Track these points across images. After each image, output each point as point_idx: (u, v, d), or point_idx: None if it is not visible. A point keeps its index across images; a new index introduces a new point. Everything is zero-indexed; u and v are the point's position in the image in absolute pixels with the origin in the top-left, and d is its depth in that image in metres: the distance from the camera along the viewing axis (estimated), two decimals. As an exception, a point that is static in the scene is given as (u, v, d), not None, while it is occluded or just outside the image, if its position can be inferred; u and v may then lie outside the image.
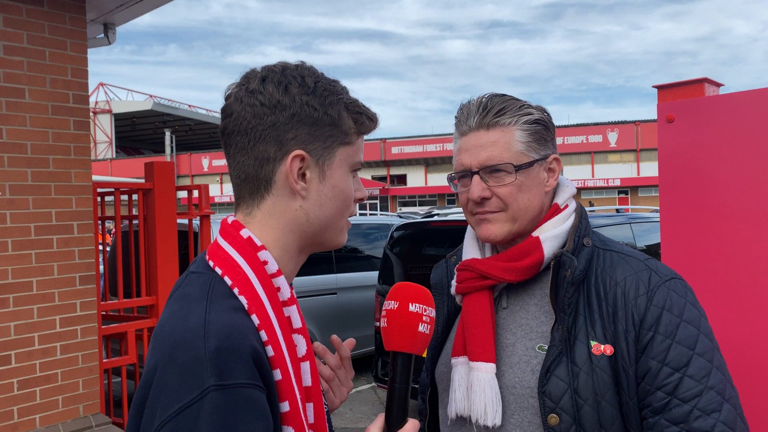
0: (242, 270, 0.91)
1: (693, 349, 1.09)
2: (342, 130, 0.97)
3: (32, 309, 3.76)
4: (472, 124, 1.25)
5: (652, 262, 1.20)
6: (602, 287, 1.17)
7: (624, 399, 1.12)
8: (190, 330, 0.83)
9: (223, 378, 0.79)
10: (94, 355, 4.05)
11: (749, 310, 1.65)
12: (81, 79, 3.98)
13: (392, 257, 5.51)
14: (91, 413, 4.04)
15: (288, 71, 0.95)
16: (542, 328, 1.20)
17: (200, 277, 0.93)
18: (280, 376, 0.87)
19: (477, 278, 1.25)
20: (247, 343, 0.83)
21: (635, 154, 36.22)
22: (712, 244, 1.71)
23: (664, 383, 1.08)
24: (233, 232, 0.95)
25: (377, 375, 5.43)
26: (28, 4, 3.74)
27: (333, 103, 0.96)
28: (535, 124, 1.24)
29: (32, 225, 3.76)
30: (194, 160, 45.64)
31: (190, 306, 0.88)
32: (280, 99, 0.93)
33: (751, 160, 1.64)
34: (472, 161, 1.24)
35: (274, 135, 0.93)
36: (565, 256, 1.17)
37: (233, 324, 0.84)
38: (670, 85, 1.84)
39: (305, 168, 0.95)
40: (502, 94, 1.28)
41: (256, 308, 0.89)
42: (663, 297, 1.13)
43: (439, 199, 40.08)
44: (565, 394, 1.12)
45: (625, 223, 5.58)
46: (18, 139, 3.70)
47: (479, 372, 1.18)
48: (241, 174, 0.96)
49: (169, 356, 0.82)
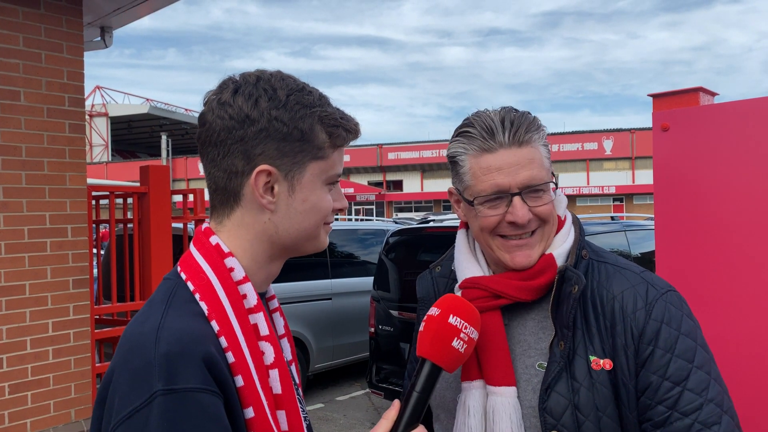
0: (206, 276, 0.92)
1: (692, 362, 1.09)
2: (314, 144, 0.95)
3: (25, 312, 3.74)
4: (503, 140, 1.14)
5: (647, 275, 1.19)
6: (599, 301, 1.15)
7: (624, 413, 1.10)
8: (144, 334, 0.85)
9: (171, 382, 0.80)
10: (87, 359, 4.03)
11: (743, 317, 1.65)
12: (77, 82, 3.97)
13: (388, 263, 5.50)
14: (83, 418, 4.01)
15: (261, 83, 0.94)
16: (540, 344, 1.17)
17: (166, 282, 0.95)
18: (243, 383, 0.87)
19: (489, 297, 1.18)
20: (200, 347, 0.83)
21: (630, 161, 36.35)
22: (707, 252, 1.71)
23: (665, 397, 1.07)
24: (203, 238, 0.96)
25: (371, 381, 5.42)
26: (24, 7, 3.73)
27: (304, 117, 0.94)
28: (546, 141, 1.22)
29: (26, 228, 3.74)
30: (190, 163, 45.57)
31: (150, 311, 0.89)
32: (249, 113, 0.92)
33: (745, 168, 1.65)
34: (512, 182, 1.14)
35: (242, 149, 0.92)
36: (571, 272, 1.15)
37: (186, 329, 0.85)
38: (664, 93, 1.85)
39: (273, 182, 0.94)
40: (514, 108, 1.21)
41: (217, 314, 0.89)
42: (661, 311, 1.12)
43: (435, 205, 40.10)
44: (566, 411, 1.10)
45: (619, 231, 5.59)
46: (13, 141, 3.69)
47: (502, 397, 1.14)
48: (212, 184, 0.97)
49: (124, 360, 0.84)
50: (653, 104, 1.87)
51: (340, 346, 6.70)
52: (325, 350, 6.55)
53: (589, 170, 36.99)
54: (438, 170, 40.75)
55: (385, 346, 5.33)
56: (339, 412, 6.03)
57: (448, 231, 5.29)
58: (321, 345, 6.48)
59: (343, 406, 6.21)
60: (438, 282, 1.36)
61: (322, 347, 6.50)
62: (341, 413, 5.99)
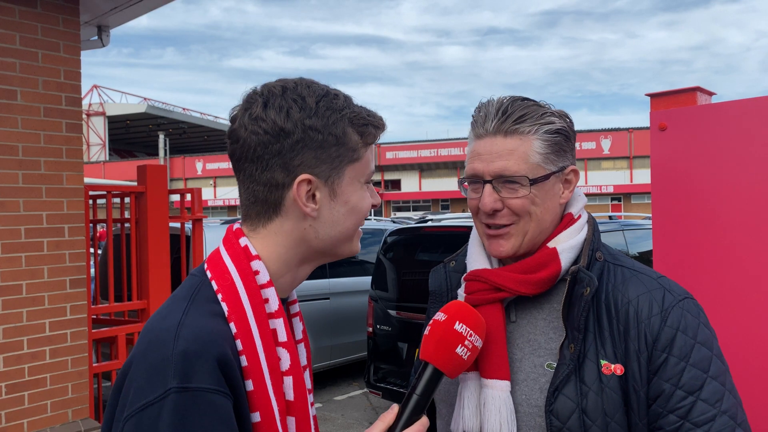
0: (230, 277, 0.92)
1: (707, 372, 1.07)
2: (348, 147, 0.96)
3: (21, 312, 3.73)
4: (489, 128, 1.17)
5: (664, 281, 1.16)
6: (613, 305, 1.13)
7: (633, 420, 1.09)
8: (165, 330, 0.86)
9: (186, 381, 0.81)
10: (84, 359, 4.02)
11: (740, 317, 1.65)
12: (74, 81, 3.96)
13: (385, 262, 5.50)
14: (80, 418, 4.00)
15: (288, 93, 0.94)
16: (550, 344, 1.15)
17: (192, 279, 0.95)
18: (252, 387, 0.88)
19: (490, 290, 1.18)
20: (216, 348, 0.84)
21: (628, 161, 36.40)
22: (705, 251, 1.71)
23: (678, 407, 1.05)
24: (233, 239, 0.97)
25: (369, 381, 5.41)
26: (21, 6, 3.72)
27: (336, 122, 0.95)
28: (556, 134, 1.17)
29: (23, 228, 3.73)
30: (188, 163, 45.52)
31: (172, 306, 0.90)
32: (283, 126, 0.92)
33: (743, 168, 1.65)
34: (485, 169, 1.17)
35: (281, 162, 0.93)
36: (583, 273, 1.13)
37: (205, 328, 0.86)
38: (662, 93, 1.85)
39: (314, 189, 0.95)
40: (525, 98, 1.20)
41: (236, 316, 0.89)
42: (677, 318, 1.10)
43: (433, 205, 40.11)
44: (573, 414, 1.08)
45: (617, 230, 5.59)
46: (9, 140, 3.68)
47: (493, 390, 1.13)
48: (250, 197, 0.97)
49: (143, 353, 0.86)
50: (651, 104, 1.87)
51: (338, 345, 6.69)
52: (323, 350, 6.55)
53: (587, 169, 37.03)
54: (436, 169, 40.75)
55: (383, 345, 5.33)
56: (337, 411, 6.03)
57: (446, 230, 5.29)
58: (319, 344, 6.48)
59: (341, 406, 6.21)
60: (451, 277, 1.34)
61: (320, 347, 6.50)
62: (339, 413, 5.99)
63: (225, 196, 43.14)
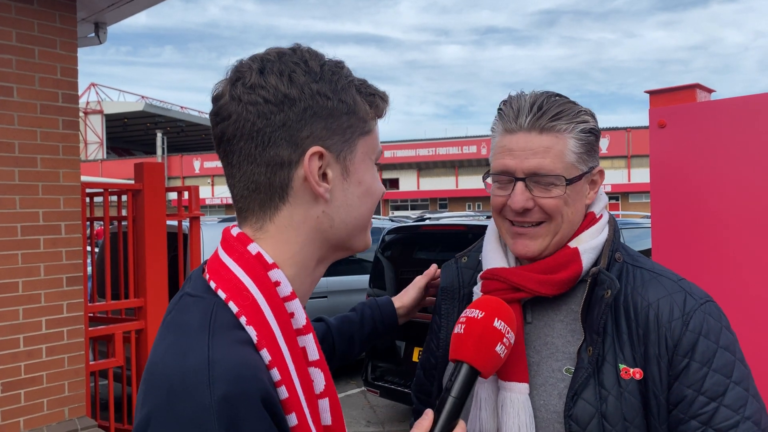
0: (251, 294, 0.77)
1: (730, 377, 1.04)
2: (359, 117, 0.85)
3: (18, 310, 3.72)
4: (523, 123, 1.12)
5: (685, 283, 1.14)
6: (632, 308, 1.10)
7: (653, 424, 1.07)
8: (191, 372, 0.69)
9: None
10: (81, 357, 4.01)
11: (740, 316, 1.64)
12: (71, 79, 3.94)
13: (383, 261, 5.49)
14: (77, 416, 3.99)
15: (287, 57, 0.82)
16: (568, 348, 1.13)
17: (199, 302, 0.78)
18: (296, 421, 0.75)
19: (508, 290, 1.14)
20: (258, 385, 0.70)
21: (626, 160, 36.43)
22: (703, 250, 1.70)
23: (700, 413, 1.03)
24: (239, 247, 0.81)
25: (367, 379, 5.41)
26: (17, 2, 3.70)
27: (345, 88, 0.83)
28: (589, 134, 1.15)
29: (19, 225, 3.71)
30: (185, 161, 45.47)
31: (188, 340, 0.73)
32: (287, 92, 0.79)
33: (742, 165, 1.64)
34: (518, 166, 1.12)
35: (286, 135, 0.79)
36: (604, 275, 1.10)
37: (243, 363, 0.70)
38: (661, 90, 1.84)
39: (325, 167, 0.82)
40: (558, 94, 1.17)
41: (267, 341, 0.75)
42: (699, 322, 1.07)
43: (431, 203, 40.11)
44: (593, 419, 1.06)
45: (615, 229, 5.59)
46: (5, 138, 3.66)
47: (512, 393, 1.11)
48: (249, 185, 0.81)
49: (166, 404, 0.68)
50: (650, 101, 1.86)
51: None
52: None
53: (585, 169, 37.04)
54: (434, 168, 40.75)
55: (381, 344, 5.32)
56: (334, 410, 6.03)
57: (444, 229, 5.29)
58: (316, 343, 6.47)
59: (338, 404, 6.21)
60: (463, 273, 1.32)
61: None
62: (337, 411, 5.99)
63: (223, 195, 43.12)
